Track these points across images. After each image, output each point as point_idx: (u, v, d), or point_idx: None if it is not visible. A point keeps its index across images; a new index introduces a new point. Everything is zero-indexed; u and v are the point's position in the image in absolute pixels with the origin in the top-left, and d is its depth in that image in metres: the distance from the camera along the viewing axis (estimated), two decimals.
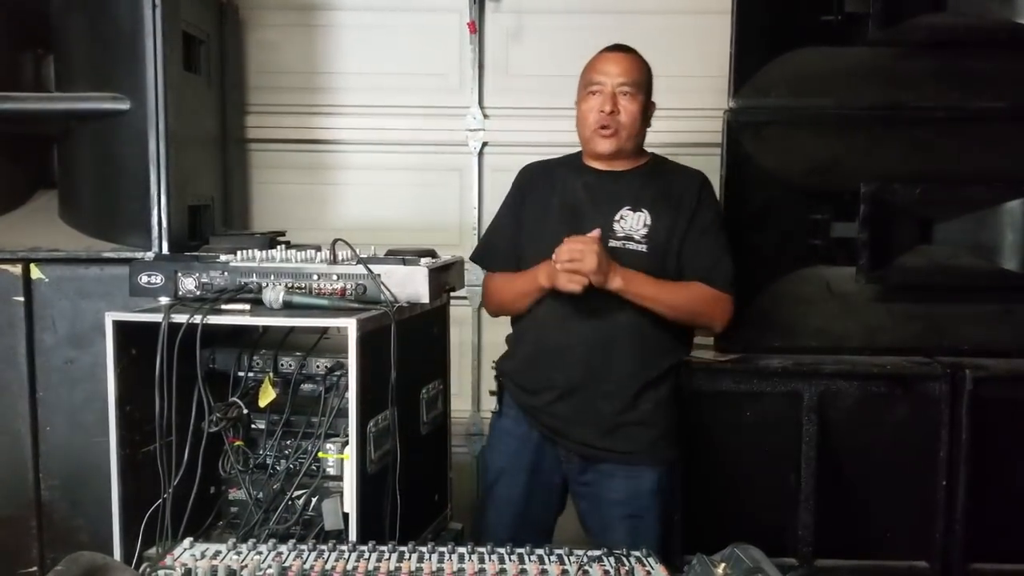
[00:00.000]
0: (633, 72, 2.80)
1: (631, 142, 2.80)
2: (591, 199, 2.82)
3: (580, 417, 2.75)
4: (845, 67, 2.90)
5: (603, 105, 2.75)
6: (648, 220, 2.75)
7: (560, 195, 2.86)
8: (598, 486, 2.78)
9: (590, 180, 2.85)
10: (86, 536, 3.02)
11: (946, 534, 2.77)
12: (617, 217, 2.76)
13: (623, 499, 2.75)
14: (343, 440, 2.35)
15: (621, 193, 2.80)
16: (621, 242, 2.74)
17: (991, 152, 2.85)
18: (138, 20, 2.96)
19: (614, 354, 2.73)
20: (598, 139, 2.78)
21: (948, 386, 2.73)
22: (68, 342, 3.02)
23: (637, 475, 2.74)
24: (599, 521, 2.81)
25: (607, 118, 2.74)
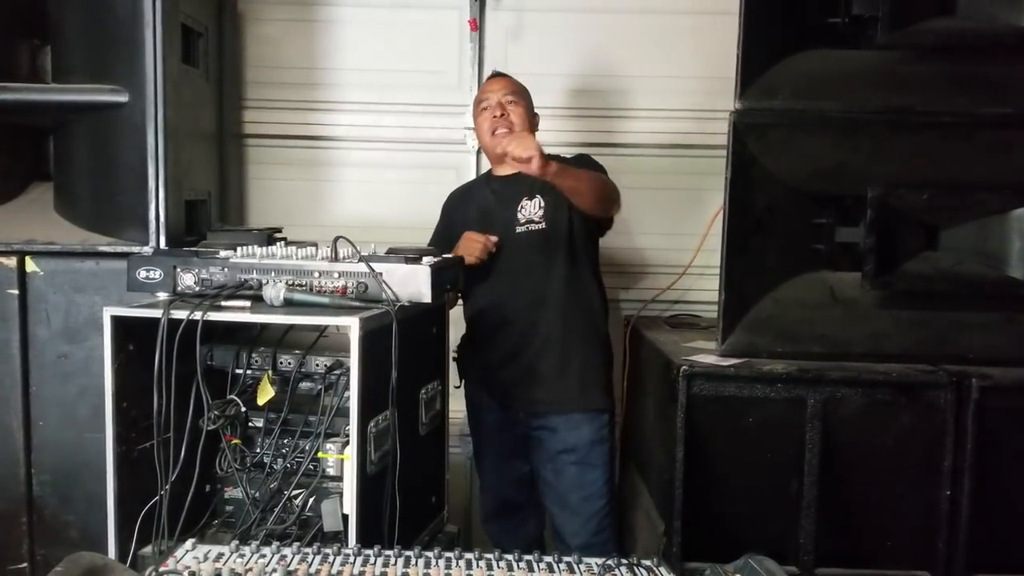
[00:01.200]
0: (512, 84, 3.38)
1: None
2: (497, 200, 3.35)
3: (522, 377, 3.26)
4: (852, 70, 2.87)
5: (493, 111, 3.29)
6: (542, 203, 3.25)
7: (476, 204, 3.41)
8: (546, 439, 3.27)
9: (496, 187, 3.39)
10: (77, 533, 3.01)
11: (949, 544, 2.74)
12: (519, 208, 3.27)
13: (570, 447, 3.23)
14: (342, 440, 2.33)
15: (520, 189, 3.27)
16: (524, 226, 3.26)
17: (999, 158, 2.82)
18: (137, 11, 2.95)
19: (542, 319, 3.23)
20: (496, 140, 3.24)
21: (953, 395, 2.71)
22: (62, 336, 2.99)
23: (577, 424, 3.23)
24: (551, 470, 3.28)
25: (498, 120, 3.27)
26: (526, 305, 3.24)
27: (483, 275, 3.25)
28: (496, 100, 3.30)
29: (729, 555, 2.10)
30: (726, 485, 2.84)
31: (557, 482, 3.27)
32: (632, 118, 3.98)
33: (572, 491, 3.23)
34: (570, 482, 3.24)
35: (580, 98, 3.98)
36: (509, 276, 3.25)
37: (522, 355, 3.25)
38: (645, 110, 3.96)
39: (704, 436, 2.80)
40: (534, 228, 3.25)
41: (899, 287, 2.84)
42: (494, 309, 3.27)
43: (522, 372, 3.26)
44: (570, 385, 3.24)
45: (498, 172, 3.40)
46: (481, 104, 3.35)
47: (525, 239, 3.25)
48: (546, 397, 3.24)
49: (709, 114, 3.69)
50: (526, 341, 3.24)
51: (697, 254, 3.60)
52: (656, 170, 3.98)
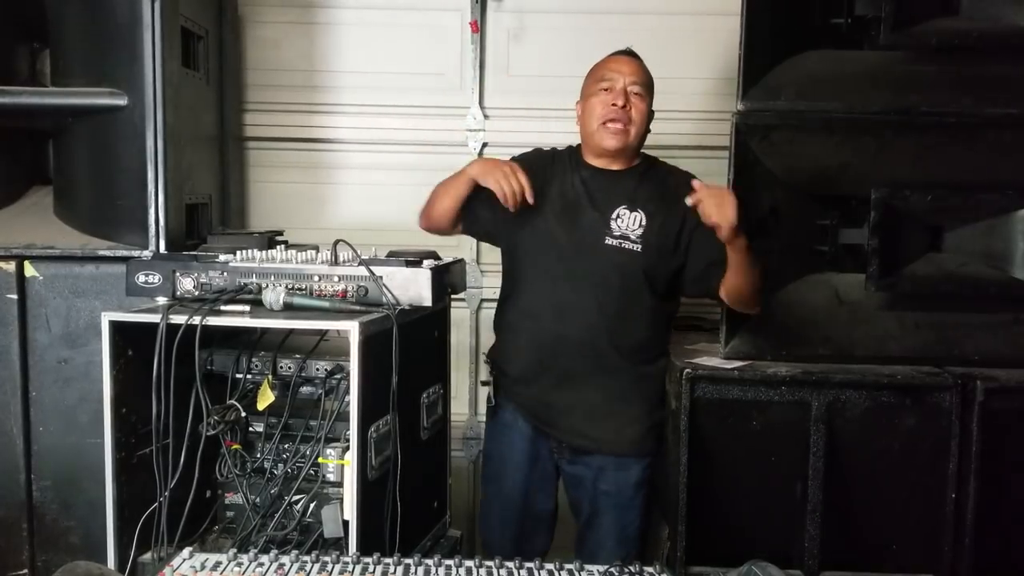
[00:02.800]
0: (644, 75, 2.91)
1: (637, 140, 2.90)
2: (589, 196, 2.91)
3: (573, 408, 2.90)
4: (855, 71, 2.86)
5: (616, 99, 2.83)
6: (643, 220, 2.85)
7: (557, 187, 2.94)
8: (588, 478, 2.95)
9: (587, 176, 2.94)
10: (77, 539, 2.99)
11: (955, 547, 2.72)
12: (614, 216, 2.86)
13: (612, 490, 2.93)
14: (343, 445, 2.32)
15: (618, 192, 2.90)
16: (617, 241, 2.84)
17: (1003, 159, 2.81)
18: (136, 15, 2.93)
19: (605, 347, 2.85)
20: (605, 134, 2.86)
21: (958, 397, 2.69)
22: (62, 341, 2.98)
23: (625, 467, 2.92)
24: (589, 510, 2.97)
25: (619, 111, 2.83)
26: (590, 329, 2.84)
27: (542, 281, 2.91)
28: (622, 85, 2.85)
29: (734, 559, 2.09)
30: (730, 489, 2.83)
31: (593, 525, 2.97)
32: None
33: (608, 536, 2.95)
34: (609, 526, 2.95)
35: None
36: (579, 290, 2.84)
37: (575, 384, 2.89)
38: None
39: (708, 439, 2.78)
40: (627, 247, 2.84)
41: (904, 289, 2.83)
42: (548, 323, 2.88)
43: (571, 403, 2.90)
44: (626, 427, 2.91)
45: (593, 160, 2.97)
46: (601, 83, 2.88)
47: (612, 255, 2.84)
48: (595, 435, 2.91)
49: (712, 115, 3.67)
50: (582, 369, 2.87)
51: None
52: None
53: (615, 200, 2.88)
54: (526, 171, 2.84)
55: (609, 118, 2.84)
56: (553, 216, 2.90)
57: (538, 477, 3.00)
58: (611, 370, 2.87)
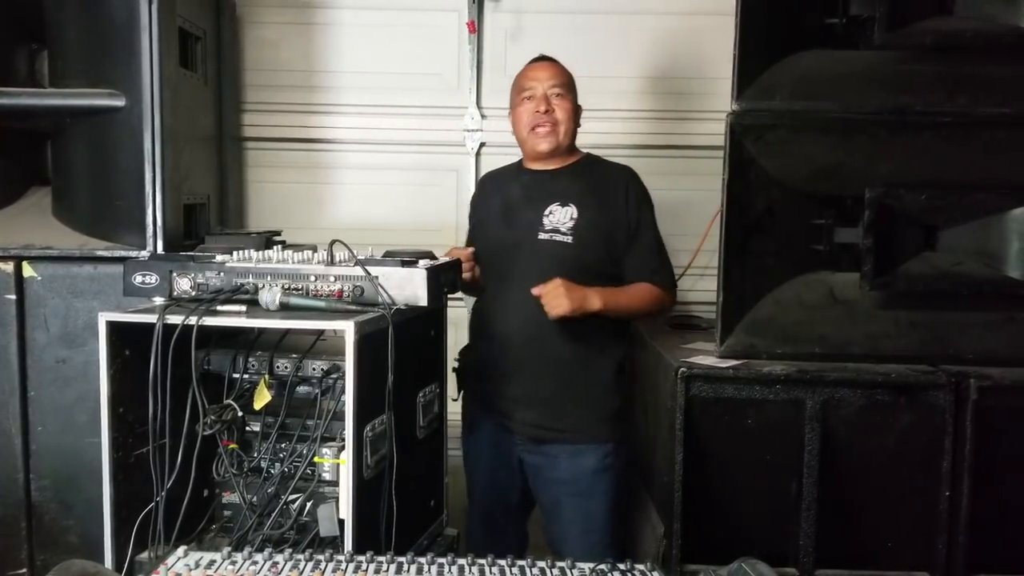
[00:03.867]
0: (561, 76, 3.10)
1: (567, 138, 3.09)
2: (525, 197, 3.11)
3: (526, 399, 3.02)
4: (850, 71, 2.87)
5: (538, 106, 3.03)
6: (575, 214, 3.01)
7: (500, 198, 3.18)
8: (545, 467, 3.06)
9: (526, 180, 3.15)
10: (76, 538, 3.00)
11: (949, 545, 2.73)
12: (546, 212, 3.03)
13: (568, 478, 3.02)
14: (339, 444, 2.32)
15: (552, 190, 3.07)
16: (548, 235, 3.01)
17: (997, 158, 2.81)
18: (134, 15, 2.94)
19: (550, 340, 2.97)
20: (535, 138, 3.06)
21: (952, 395, 2.70)
22: (60, 341, 2.99)
23: (581, 455, 3.01)
24: (549, 500, 3.09)
25: (543, 116, 3.02)
26: (534, 321, 2.92)
27: (491, 281, 3.09)
28: (542, 91, 3.04)
29: (729, 557, 2.09)
30: (726, 487, 2.83)
31: (556, 515, 3.07)
32: (631, 119, 3.98)
33: (572, 525, 3.03)
34: (570, 516, 3.03)
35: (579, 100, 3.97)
36: (520, 286, 2.94)
37: (525, 375, 3.01)
38: (644, 111, 3.96)
39: (703, 438, 2.79)
40: (559, 240, 2.99)
41: (898, 287, 2.83)
42: (498, 320, 3.05)
43: (524, 393, 3.02)
44: (575, 414, 3.00)
45: (531, 164, 3.16)
46: (524, 92, 3.08)
47: (546, 249, 2.99)
48: (548, 424, 3.01)
49: (708, 115, 3.68)
50: (531, 361, 2.99)
51: (697, 255, 3.60)
52: (655, 171, 3.95)
53: (549, 197, 3.05)
54: (479, 202, 3.31)
55: (536, 124, 3.04)
56: (496, 223, 3.13)
57: (503, 471, 3.14)
58: (559, 360, 2.99)
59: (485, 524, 3.23)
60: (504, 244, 3.08)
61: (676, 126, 3.91)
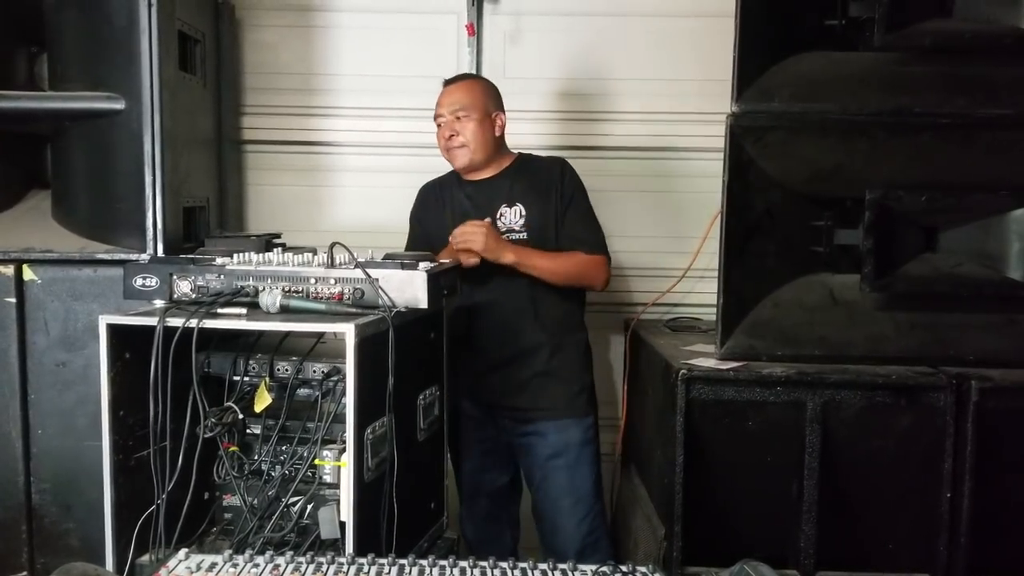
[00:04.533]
0: (461, 99, 3.30)
1: (481, 152, 3.29)
2: (474, 205, 3.33)
3: (508, 384, 3.28)
4: (849, 72, 2.86)
5: (444, 132, 3.29)
6: (523, 211, 3.26)
7: (450, 209, 3.38)
8: (535, 444, 3.30)
9: (470, 190, 3.37)
10: (77, 541, 3.00)
11: (950, 547, 2.73)
12: (498, 215, 3.27)
13: (559, 451, 3.27)
14: (340, 447, 2.32)
15: (497, 194, 3.31)
16: (505, 235, 3.22)
17: (997, 159, 2.81)
18: (133, 19, 2.95)
19: (522, 325, 3.27)
20: (452, 158, 3.32)
21: (953, 397, 2.70)
22: (60, 344, 2.99)
23: (565, 428, 3.27)
24: (539, 475, 3.33)
25: (449, 141, 3.27)
26: (510, 315, 3.26)
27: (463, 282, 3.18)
28: (448, 117, 3.29)
29: (730, 559, 2.10)
30: (726, 489, 2.83)
31: (548, 487, 3.31)
32: (630, 121, 3.98)
33: (564, 495, 3.29)
34: (561, 486, 3.29)
35: (579, 102, 3.98)
36: (491, 285, 3.23)
37: (508, 364, 3.28)
38: (643, 113, 3.96)
39: (704, 440, 2.79)
40: (515, 237, 3.24)
41: (898, 289, 2.83)
42: (476, 318, 3.27)
43: (509, 381, 3.29)
44: (558, 392, 3.28)
45: (467, 176, 3.38)
46: (436, 120, 3.34)
47: None
48: (535, 404, 3.28)
49: (708, 117, 3.68)
50: (511, 350, 3.27)
51: (697, 257, 3.59)
52: (655, 173, 3.97)
53: (496, 202, 3.29)
54: (421, 214, 3.48)
55: (447, 148, 3.30)
56: (450, 230, 3.21)
57: (490, 455, 3.42)
58: (531, 350, 3.27)
59: (479, 522, 3.48)
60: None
61: (675, 128, 3.91)
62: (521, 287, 3.23)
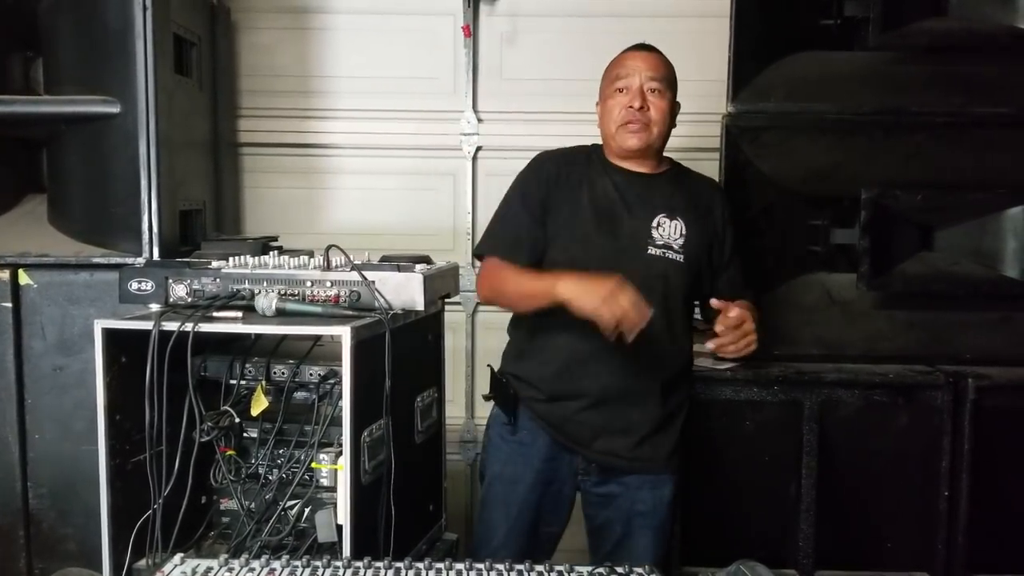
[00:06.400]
0: (662, 69, 2.71)
1: (660, 140, 2.72)
2: (624, 202, 2.72)
3: (611, 426, 2.68)
4: (845, 72, 2.88)
5: (632, 101, 2.66)
6: (683, 229, 2.69)
7: (590, 194, 2.73)
8: (623, 498, 2.72)
9: (620, 181, 2.75)
10: (74, 546, 2.98)
11: (948, 545, 2.74)
12: (655, 224, 2.68)
13: (649, 510, 2.70)
14: (337, 450, 2.31)
15: (654, 198, 2.72)
16: (661, 250, 2.66)
17: (992, 158, 2.83)
18: (128, 22, 2.93)
19: (643, 360, 2.61)
20: (625, 134, 2.69)
21: (950, 395, 2.71)
22: (57, 349, 2.98)
23: (661, 485, 2.70)
24: (621, 531, 2.74)
25: (636, 113, 2.65)
26: (627, 344, 2.41)
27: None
28: (638, 84, 2.67)
29: (729, 559, 2.10)
30: (725, 488, 2.84)
31: (628, 543, 2.73)
32: None
33: (647, 555, 2.65)
34: (644, 547, 2.70)
35: (576, 103, 3.96)
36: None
37: (614, 404, 2.67)
38: None
39: (702, 439, 2.79)
40: (671, 257, 2.67)
41: (895, 288, 2.84)
42: (583, 338, 2.57)
43: (610, 423, 2.68)
44: (666, 444, 2.71)
45: (621, 162, 2.77)
46: (616, 82, 2.72)
47: (656, 265, 2.66)
48: (632, 454, 2.68)
49: (704, 117, 3.67)
50: (624, 389, 2.66)
51: None
52: None
53: (653, 207, 2.70)
54: (545, 187, 2.74)
55: (626, 120, 2.67)
56: (592, 225, 2.70)
57: (551, 500, 2.78)
58: (652, 390, 2.68)
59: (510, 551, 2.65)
60: (603, 252, 2.67)
61: None
62: (656, 310, 2.46)
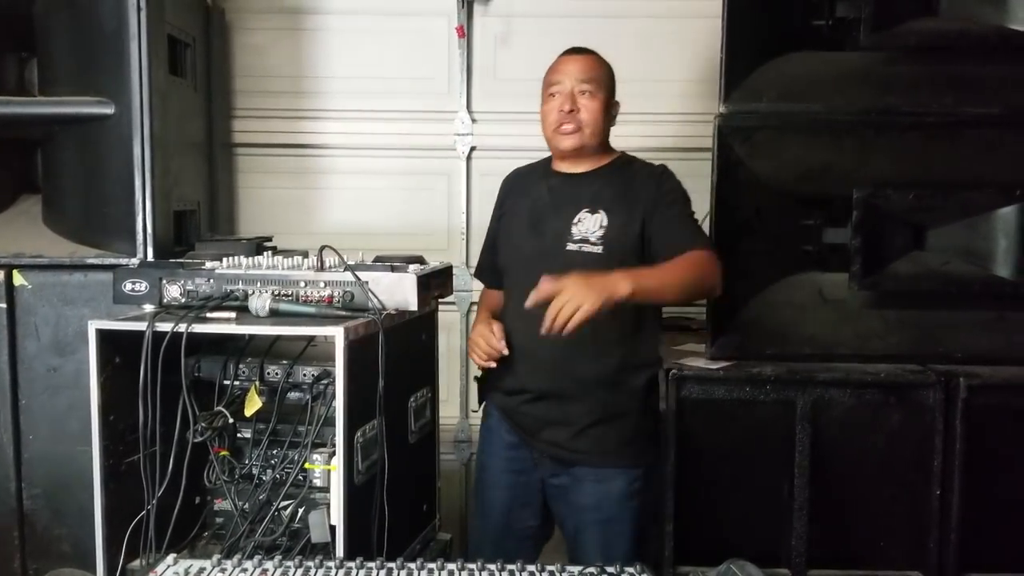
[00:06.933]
0: (591, 70, 2.79)
1: (594, 139, 2.79)
2: (553, 203, 2.82)
3: (550, 418, 2.75)
4: (836, 72, 2.88)
5: (563, 104, 2.74)
6: (604, 221, 2.73)
7: (529, 201, 2.88)
8: (569, 490, 2.78)
9: (554, 183, 2.86)
10: (69, 546, 2.99)
11: (940, 544, 2.75)
12: (575, 220, 2.75)
13: (593, 504, 2.73)
14: (330, 450, 2.32)
15: (581, 195, 2.79)
16: (577, 245, 2.72)
17: (983, 157, 2.83)
18: (122, 23, 2.94)
19: (580, 355, 2.66)
20: (560, 137, 2.78)
21: (942, 394, 2.72)
22: (51, 349, 2.98)
23: (607, 479, 2.72)
24: (572, 525, 2.80)
25: (567, 116, 2.74)
26: (564, 339, 2.38)
27: (516, 292, 2.70)
28: (568, 88, 2.76)
29: (720, 558, 2.10)
30: (717, 488, 2.84)
31: (578, 543, 2.80)
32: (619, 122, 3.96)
33: (596, 553, 2.58)
34: (592, 543, 2.74)
35: None
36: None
37: (553, 396, 2.75)
38: (632, 114, 3.94)
39: (694, 439, 2.80)
40: (588, 250, 2.71)
41: (887, 287, 2.85)
42: (525, 336, 2.69)
43: (553, 414, 2.75)
44: (608, 437, 2.73)
45: (559, 167, 2.88)
46: (550, 87, 2.81)
47: (576, 261, 2.66)
48: (579, 446, 2.73)
49: (696, 117, 3.68)
50: (560, 381, 2.73)
51: None
52: None
53: (577, 203, 2.77)
54: (499, 207, 2.98)
55: (559, 123, 2.76)
56: (524, 230, 2.85)
57: (522, 490, 2.86)
58: (589, 380, 2.72)
59: (495, 548, 2.80)
60: (529, 253, 2.80)
61: (664, 128, 3.91)
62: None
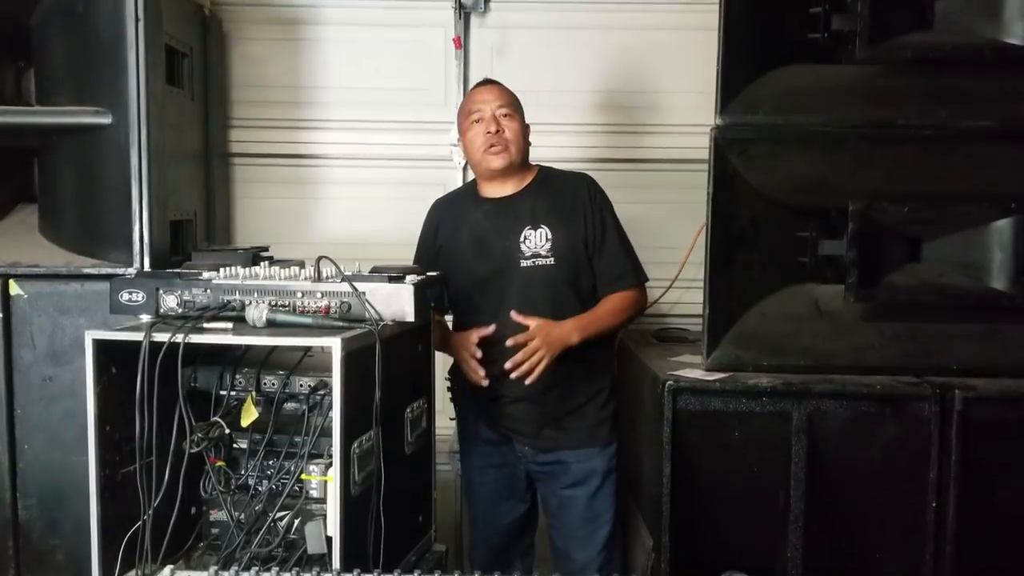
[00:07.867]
0: (506, 96, 3.18)
1: (519, 156, 3.13)
2: (493, 226, 3.14)
3: (532, 418, 3.13)
4: (832, 85, 2.88)
5: (488, 126, 3.09)
6: (549, 235, 3.09)
7: (467, 228, 3.18)
8: (556, 473, 3.19)
9: (488, 210, 3.18)
10: (63, 557, 2.99)
11: (936, 556, 2.74)
12: (521, 238, 3.10)
13: (579, 479, 3.16)
14: (326, 461, 2.32)
15: (519, 214, 3.13)
16: (531, 260, 3.09)
17: (979, 170, 2.82)
18: (120, 33, 2.95)
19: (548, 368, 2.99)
20: (490, 157, 3.10)
21: (937, 406, 2.71)
22: (47, 359, 2.99)
23: (588, 458, 3.16)
24: (557, 503, 3.22)
25: (494, 137, 3.08)
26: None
27: (482, 307, 3.12)
28: (490, 112, 3.10)
29: (718, 570, 2.10)
30: (714, 500, 2.83)
31: (566, 515, 3.21)
32: (615, 133, 4.00)
33: (582, 524, 3.19)
34: (580, 515, 3.18)
35: (564, 114, 3.99)
36: (510, 318, 3.00)
37: (530, 395, 3.08)
38: (628, 125, 3.98)
39: (691, 451, 2.79)
40: (541, 263, 3.09)
41: (883, 299, 2.84)
42: (497, 346, 3.02)
43: (531, 412, 3.14)
44: (581, 423, 3.17)
45: (488, 192, 3.22)
46: (472, 115, 3.15)
47: (532, 275, 3.10)
48: (557, 435, 3.16)
49: (692, 129, 3.68)
50: (528, 389, 3.03)
51: (683, 268, 3.60)
52: (641, 184, 3.98)
53: (518, 223, 3.11)
54: (436, 235, 3.26)
55: (488, 144, 3.08)
56: (469, 255, 3.15)
57: (506, 481, 3.27)
58: (555, 386, 3.08)
59: (493, 559, 3.26)
60: (483, 276, 3.13)
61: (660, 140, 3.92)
62: (545, 312, 3.04)
